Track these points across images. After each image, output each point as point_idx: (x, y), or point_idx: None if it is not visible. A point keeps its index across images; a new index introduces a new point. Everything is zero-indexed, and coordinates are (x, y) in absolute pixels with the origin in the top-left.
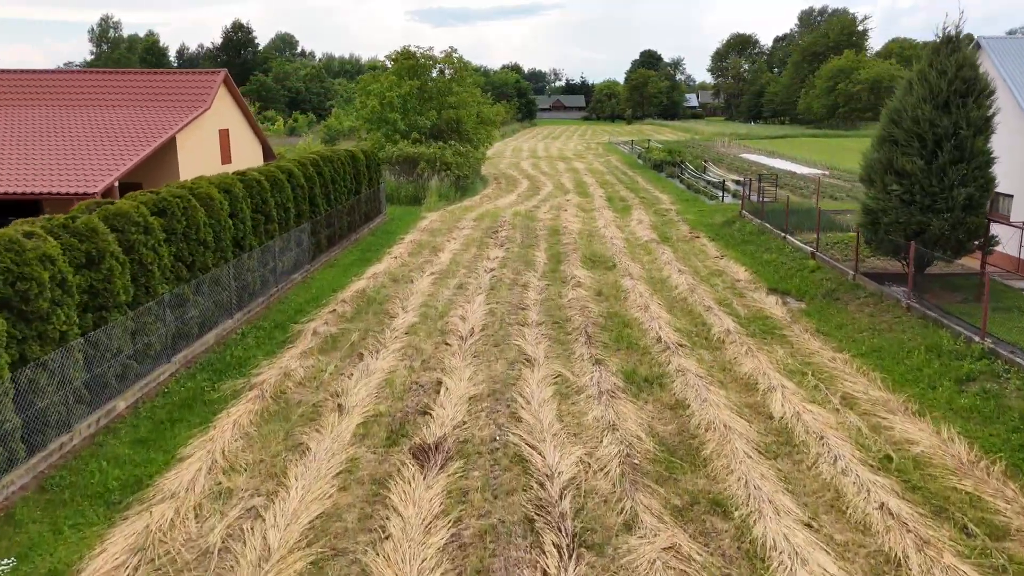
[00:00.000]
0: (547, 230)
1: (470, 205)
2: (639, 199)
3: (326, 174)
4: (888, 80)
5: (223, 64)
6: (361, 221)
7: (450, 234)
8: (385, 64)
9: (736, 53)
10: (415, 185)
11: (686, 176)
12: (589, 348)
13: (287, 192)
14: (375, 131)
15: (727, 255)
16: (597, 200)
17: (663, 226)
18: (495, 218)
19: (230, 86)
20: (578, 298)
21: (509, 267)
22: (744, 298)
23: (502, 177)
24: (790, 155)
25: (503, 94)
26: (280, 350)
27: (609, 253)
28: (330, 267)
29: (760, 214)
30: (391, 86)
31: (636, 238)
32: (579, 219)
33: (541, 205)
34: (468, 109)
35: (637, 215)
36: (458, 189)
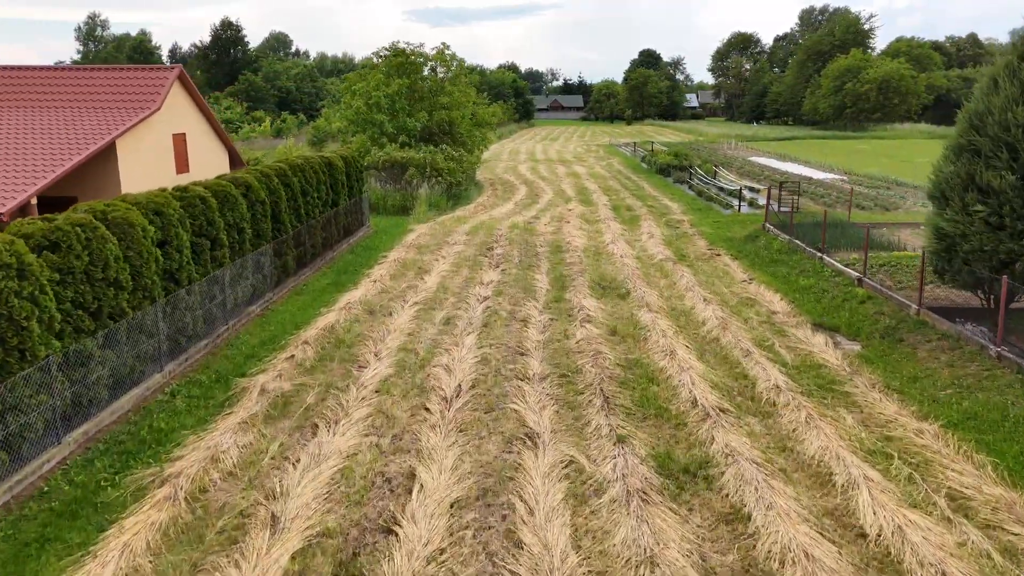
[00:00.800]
0: (548, 246)
1: (463, 216)
2: (647, 208)
3: (295, 185)
4: (898, 80)
5: (212, 64)
6: (339, 236)
7: (439, 251)
8: (373, 61)
9: (737, 52)
10: (403, 193)
11: (695, 182)
12: (608, 416)
13: (241, 210)
14: (360, 134)
15: (756, 278)
16: (602, 209)
17: (677, 241)
18: (490, 231)
19: (187, 84)
20: (589, 339)
21: (506, 294)
22: (786, 337)
23: (498, 183)
24: (802, 159)
25: (500, 94)
26: (214, 417)
27: (620, 276)
28: (298, 294)
29: (788, 228)
30: (378, 85)
31: (649, 256)
32: (583, 232)
33: (541, 216)
34: (462, 110)
35: (647, 227)
36: (450, 197)
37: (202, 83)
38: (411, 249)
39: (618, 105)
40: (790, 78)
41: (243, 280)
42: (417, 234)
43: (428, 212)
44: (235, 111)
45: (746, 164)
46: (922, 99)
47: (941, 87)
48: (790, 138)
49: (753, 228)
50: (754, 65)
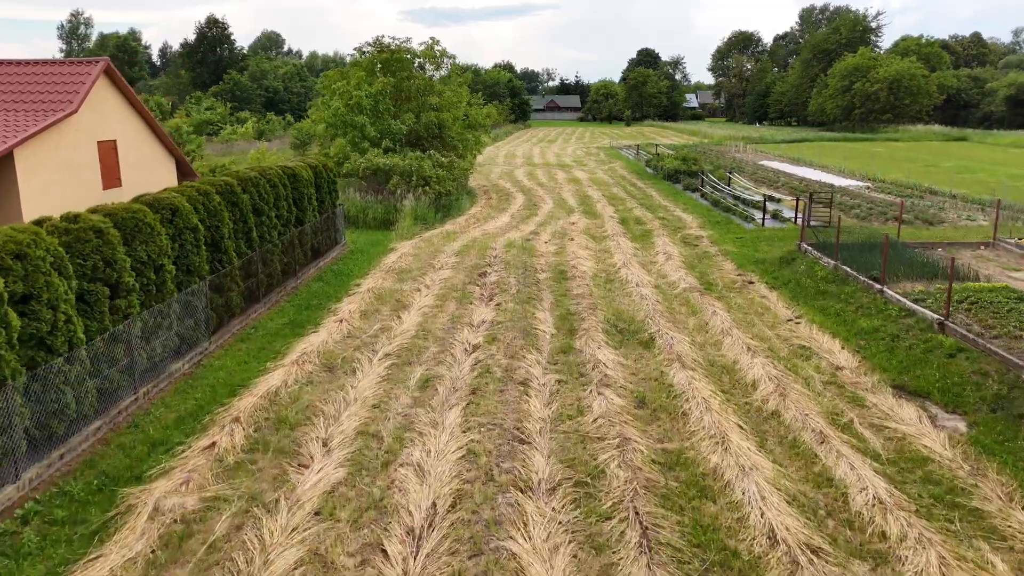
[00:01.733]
0: (551, 271)
1: (453, 230)
2: (659, 221)
3: (244, 204)
4: (909, 79)
5: (197, 63)
6: (306, 259)
7: (423, 277)
8: (356, 58)
9: (738, 51)
10: (386, 205)
11: (708, 190)
12: (650, 567)
13: (159, 241)
14: (340, 138)
15: (803, 315)
16: (608, 222)
17: (700, 263)
18: (483, 251)
19: (118, 82)
20: (610, 415)
21: (501, 341)
22: (865, 408)
23: (493, 191)
24: (819, 163)
25: (495, 94)
26: (72, 567)
27: (640, 313)
28: (243, 341)
29: (830, 250)
30: (360, 84)
31: (670, 284)
32: (590, 252)
33: (541, 231)
34: (453, 111)
35: (662, 245)
36: (439, 209)
37: (187, 82)
38: (390, 275)
39: (617, 105)
40: (794, 78)
41: (163, 331)
42: (399, 254)
43: (413, 227)
44: (216, 112)
45: (758, 169)
46: (933, 99)
47: (951, 87)
48: (799, 140)
49: (786, 248)
50: (756, 64)
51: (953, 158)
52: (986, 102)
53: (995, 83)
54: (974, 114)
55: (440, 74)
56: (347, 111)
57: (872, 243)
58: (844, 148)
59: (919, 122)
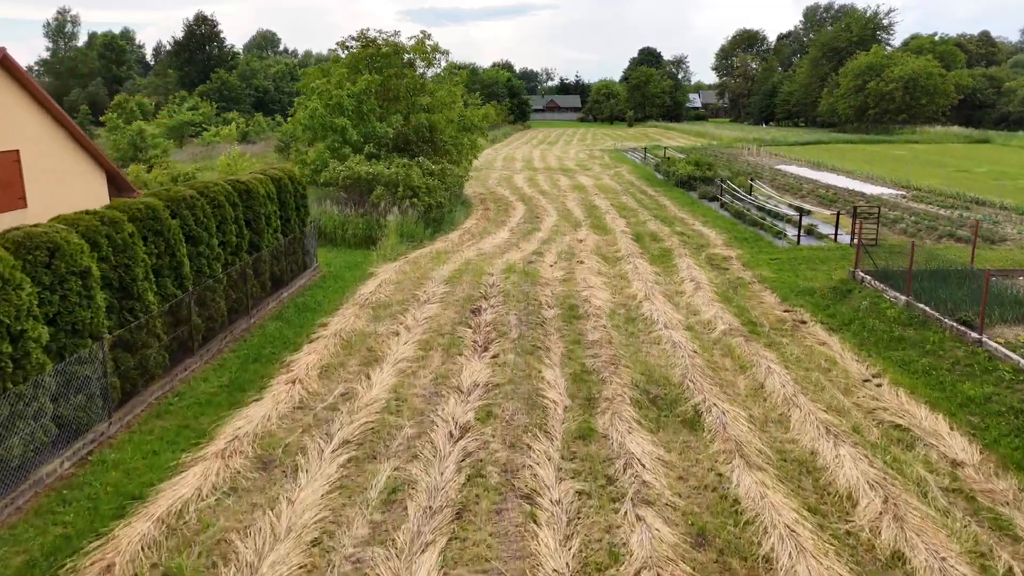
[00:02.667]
0: (559, 305)
1: (444, 249)
2: (678, 237)
3: (173, 231)
4: (925, 78)
5: (185, 61)
6: (264, 292)
7: (404, 314)
8: (337, 54)
9: (742, 50)
10: (368, 219)
11: (728, 199)
12: None
13: (20, 297)
14: (319, 142)
15: (882, 373)
16: (621, 239)
17: (735, 294)
18: (478, 277)
19: (21, 78)
20: (658, 565)
21: (498, 419)
22: (1018, 542)
23: (490, 200)
24: (843, 168)
25: (493, 94)
26: None
27: (675, 371)
28: (160, 415)
29: (899, 282)
30: (341, 82)
31: (704, 324)
32: (604, 279)
33: (545, 250)
34: (446, 112)
35: (686, 268)
36: (429, 223)
37: (174, 82)
38: (364, 311)
39: (618, 106)
40: (803, 77)
41: (25, 422)
42: (379, 281)
43: (399, 245)
44: (200, 112)
45: (777, 175)
46: (950, 99)
47: (967, 87)
48: (814, 142)
49: (835, 275)
50: (762, 63)
51: (984, 162)
52: (1002, 102)
53: (1012, 83)
54: (990, 115)
55: (433, 72)
56: (326, 112)
57: (945, 271)
58: (863, 151)
59: (934, 123)
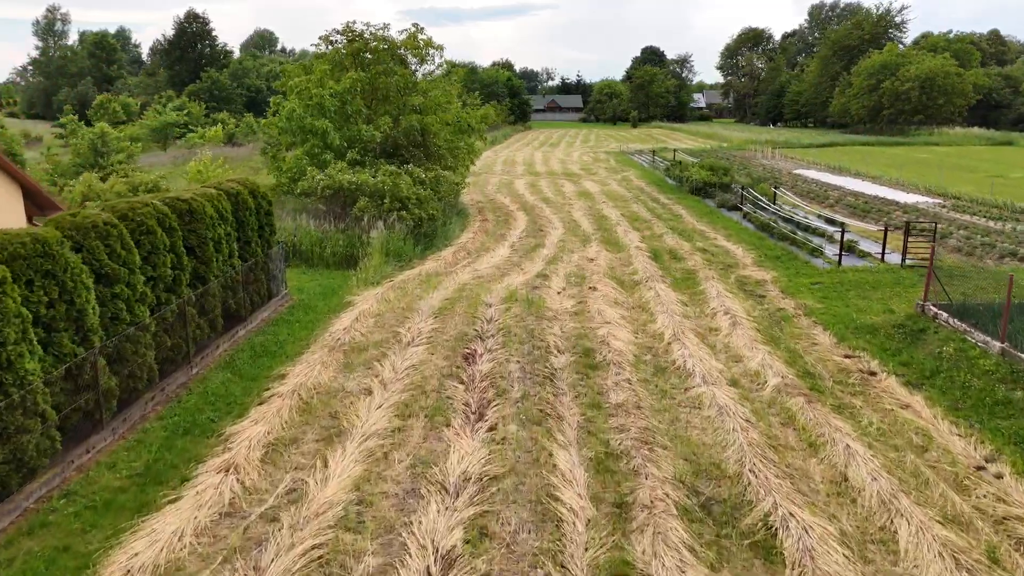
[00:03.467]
0: (570, 349)
1: (435, 271)
2: (700, 254)
3: (73, 269)
4: (943, 78)
5: (176, 60)
6: (213, 332)
7: (381, 361)
8: (320, 50)
9: (747, 49)
10: (349, 236)
11: (749, 208)
12: None
13: None
14: (298, 147)
15: (997, 456)
16: (637, 257)
17: (780, 331)
18: (473, 308)
19: None
20: None
21: (494, 542)
22: None
23: (489, 209)
24: (868, 173)
25: (493, 94)
26: None
27: (729, 457)
28: (29, 534)
29: (986, 322)
30: (322, 79)
31: (752, 378)
32: (622, 312)
33: (550, 272)
34: (441, 113)
35: (716, 295)
36: (419, 239)
37: (164, 81)
38: (334, 356)
39: (621, 106)
40: (812, 76)
41: None
42: (356, 313)
43: (383, 266)
44: (185, 113)
45: (797, 180)
46: (968, 99)
47: (984, 86)
48: (828, 144)
49: (896, 306)
50: (768, 63)
51: (1015, 166)
52: (1019, 103)
53: None
54: (1006, 115)
55: (427, 69)
56: (305, 114)
57: None
58: (883, 154)
59: (951, 124)
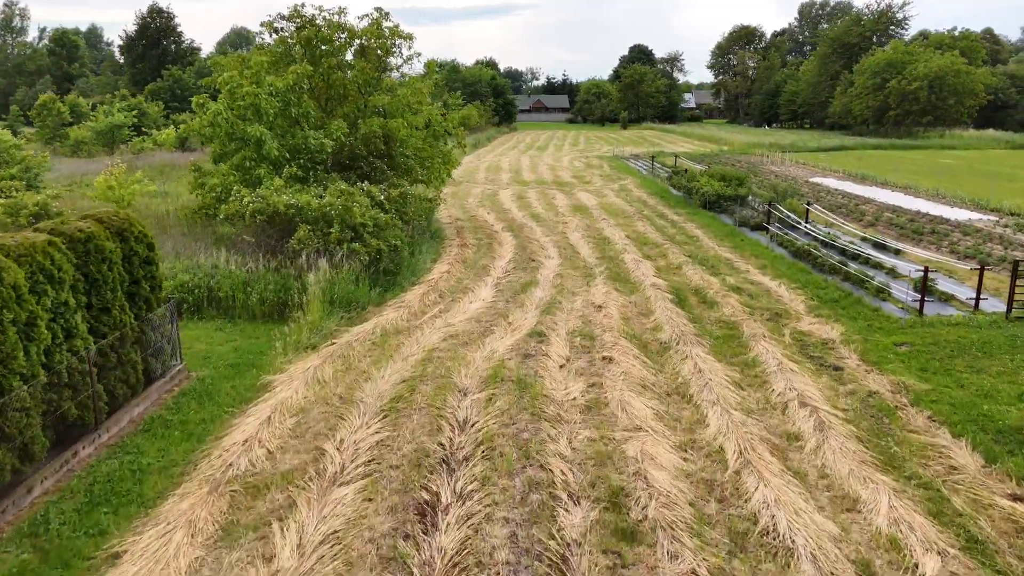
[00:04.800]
0: (587, 487)
1: (394, 326)
2: (735, 294)
3: None
4: (953, 76)
5: (138, 57)
6: (22, 467)
7: (286, 518)
8: (264, 38)
9: (739, 47)
10: (284, 276)
11: (776, 228)
12: None
13: None
14: (230, 158)
15: None
16: (655, 299)
17: (893, 444)
18: (440, 398)
19: None
20: None
21: None
22: None
23: (469, 229)
24: (896, 183)
25: (476, 93)
26: None
27: None
28: None
29: None
30: (258, 74)
31: (894, 559)
32: (655, 403)
33: (548, 328)
34: (411, 116)
35: (776, 368)
36: (377, 277)
37: (127, 80)
38: (213, 507)
39: (610, 106)
40: (810, 75)
41: None
42: (269, 409)
43: (327, 319)
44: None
45: (819, 191)
46: (979, 99)
47: (993, 86)
48: (837, 148)
49: None
50: (762, 61)
51: None
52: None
53: None
54: (1012, 116)
55: (395, 63)
56: (234, 117)
57: None
58: (900, 159)
59: (960, 125)
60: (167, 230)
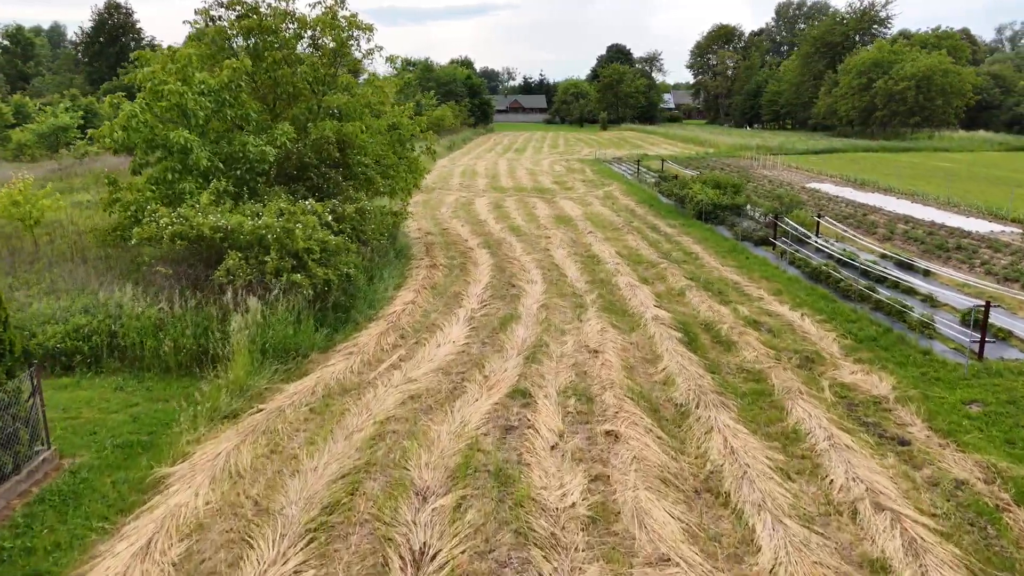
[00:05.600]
0: None
1: (342, 382)
2: (751, 329)
3: None
4: (942, 76)
5: (96, 55)
6: None
7: None
8: (199, 28)
9: (718, 47)
10: (205, 317)
11: (783, 243)
12: None
13: None
14: (147, 169)
15: None
16: (660, 339)
17: None
18: (391, 508)
19: None
20: None
21: None
22: None
23: (441, 245)
24: (900, 189)
25: (451, 93)
26: None
27: None
28: None
29: None
30: (185, 69)
31: None
32: (683, 514)
33: (534, 383)
34: (368, 120)
35: (828, 446)
36: (325, 315)
37: (82, 79)
38: None
39: (588, 106)
40: (792, 75)
41: None
42: (152, 527)
43: (255, 375)
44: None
45: (819, 199)
46: (967, 100)
47: (978, 86)
48: (828, 150)
49: None
50: (742, 61)
51: None
52: (1010, 103)
53: None
54: (997, 116)
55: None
56: (154, 120)
57: None
58: (894, 162)
59: (946, 126)
60: (85, 254)
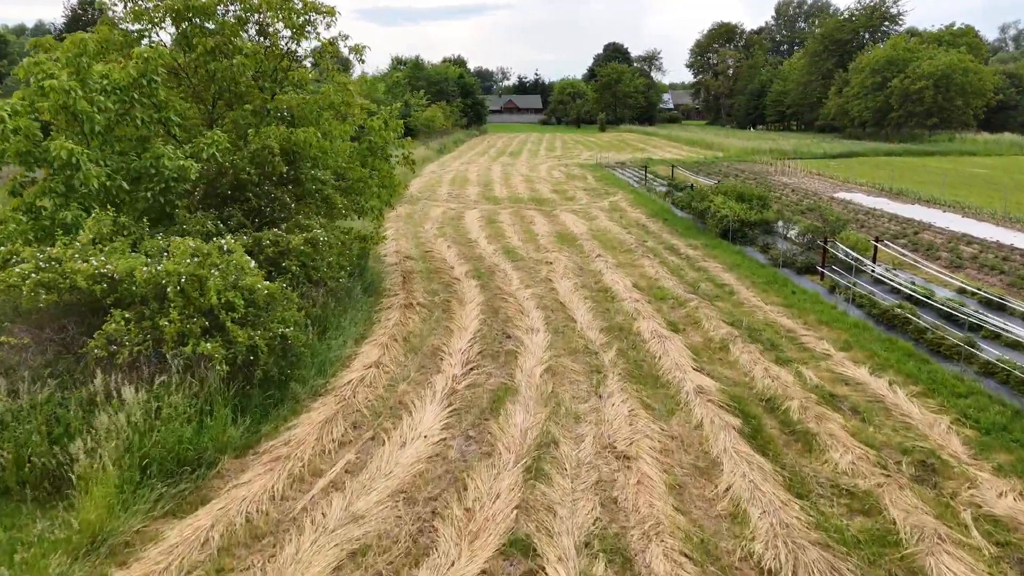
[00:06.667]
0: None
1: (251, 520)
2: (829, 409)
3: None
4: (962, 75)
5: None
6: None
7: None
8: (112, 12)
9: (719, 45)
10: (78, 399)
11: (833, 272)
12: None
13: None
14: (28, 191)
15: None
16: (711, 430)
17: None
18: None
19: None
20: None
21: None
22: None
23: (421, 275)
24: (940, 199)
25: (442, 92)
26: None
27: None
28: None
29: None
30: (78, 59)
31: None
32: None
33: (538, 529)
34: (327, 125)
35: None
36: (250, 398)
37: None
38: None
39: (586, 107)
40: (799, 74)
41: None
42: None
43: (125, 512)
44: None
45: (855, 212)
46: (987, 100)
47: (998, 86)
48: (847, 154)
49: None
50: (745, 60)
51: None
52: None
53: None
54: (1014, 117)
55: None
56: (33, 125)
57: None
58: (923, 167)
59: (965, 128)
60: None
